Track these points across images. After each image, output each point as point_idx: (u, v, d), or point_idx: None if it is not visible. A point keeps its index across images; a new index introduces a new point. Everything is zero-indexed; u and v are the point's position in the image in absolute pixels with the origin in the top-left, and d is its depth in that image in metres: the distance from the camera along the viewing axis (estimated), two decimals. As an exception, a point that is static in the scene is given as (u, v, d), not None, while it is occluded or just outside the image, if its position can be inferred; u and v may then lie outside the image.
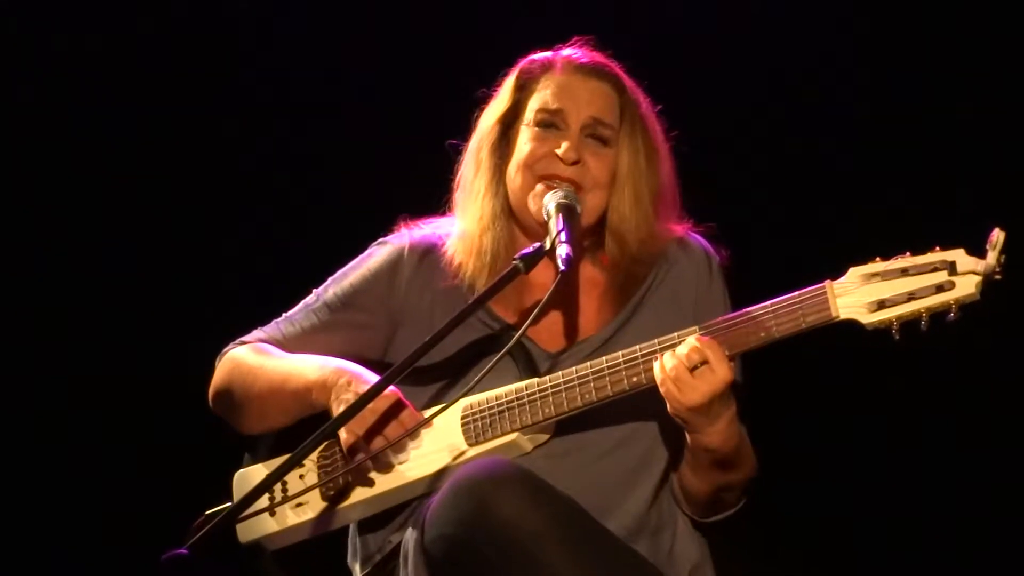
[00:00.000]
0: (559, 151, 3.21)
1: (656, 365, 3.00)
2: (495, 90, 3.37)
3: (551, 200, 3.15)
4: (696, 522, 3.26)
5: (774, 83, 4.37)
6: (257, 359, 3.33)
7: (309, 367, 3.24)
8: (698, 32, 4.37)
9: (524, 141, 3.26)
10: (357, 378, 3.17)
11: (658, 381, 3.00)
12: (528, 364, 3.22)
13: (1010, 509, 4.25)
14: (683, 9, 4.41)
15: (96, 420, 4.69)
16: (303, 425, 3.24)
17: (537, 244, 3.07)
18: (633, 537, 3.16)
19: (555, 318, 3.29)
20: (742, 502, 3.22)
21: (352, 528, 3.30)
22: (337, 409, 3.14)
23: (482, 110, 3.38)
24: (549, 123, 3.25)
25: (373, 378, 3.14)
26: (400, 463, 3.17)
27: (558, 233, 3.07)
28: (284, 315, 3.42)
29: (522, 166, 3.24)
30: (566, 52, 3.33)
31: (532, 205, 3.22)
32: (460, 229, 3.32)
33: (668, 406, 3.01)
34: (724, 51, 4.37)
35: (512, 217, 3.29)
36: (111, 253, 4.72)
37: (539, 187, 3.21)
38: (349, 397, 3.14)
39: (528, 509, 2.88)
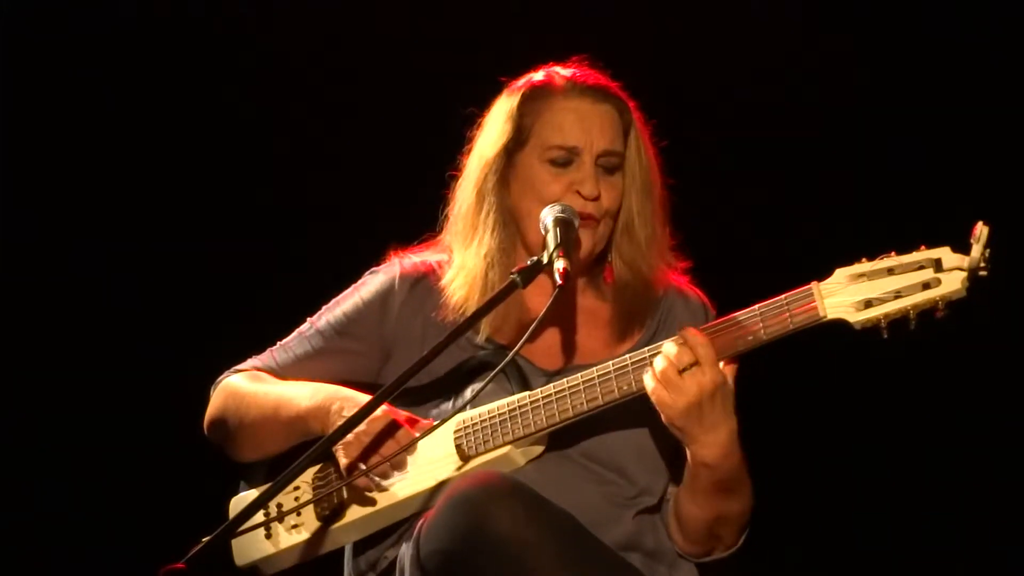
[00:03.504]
0: (582, 191, 3.19)
1: (646, 375, 2.99)
2: (486, 112, 3.33)
3: (548, 214, 3.13)
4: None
5: (760, 85, 4.39)
6: (251, 387, 3.34)
7: (301, 395, 3.25)
8: (684, 32, 4.40)
9: (540, 178, 3.22)
10: (349, 402, 3.17)
11: (648, 389, 2.98)
12: (522, 382, 3.21)
13: (1005, 510, 4.24)
14: (669, 7, 4.44)
15: (91, 450, 4.72)
16: (299, 451, 3.22)
17: (534, 258, 3.05)
18: (625, 554, 3.14)
19: (553, 340, 3.29)
20: (738, 544, 3.17)
21: (347, 549, 3.28)
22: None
23: (473, 132, 3.35)
24: (566, 161, 3.22)
25: (365, 400, 3.12)
26: (396, 481, 3.17)
27: (556, 247, 3.06)
28: (279, 343, 3.43)
29: (541, 204, 3.19)
30: (564, 72, 3.30)
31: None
32: (461, 262, 3.29)
33: (662, 415, 2.99)
34: (709, 52, 4.40)
35: (516, 251, 3.26)
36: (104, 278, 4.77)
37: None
38: (342, 423, 3.10)
39: (523, 522, 2.86)
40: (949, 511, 4.28)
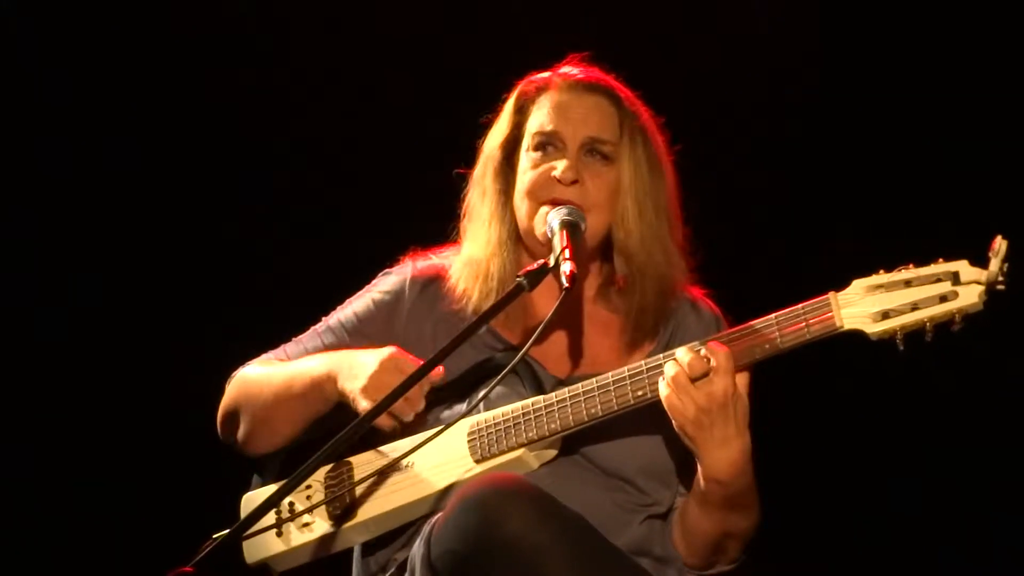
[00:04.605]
0: (556, 173, 3.22)
1: (661, 380, 2.99)
2: (496, 115, 3.38)
3: (555, 217, 3.16)
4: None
5: (775, 96, 4.38)
6: (262, 370, 3.37)
7: (313, 364, 3.27)
8: (697, 43, 4.40)
9: (524, 168, 3.28)
10: (362, 367, 3.15)
11: (662, 395, 2.98)
12: (535, 386, 3.22)
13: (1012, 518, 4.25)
14: (681, 17, 4.44)
15: (103, 441, 4.71)
16: (310, 448, 3.23)
17: (541, 261, 3.06)
18: (636, 558, 3.14)
19: (564, 345, 3.30)
20: (741, 559, 3.18)
21: (356, 550, 3.29)
22: (349, 387, 3.14)
23: (485, 137, 3.39)
24: (547, 145, 3.26)
25: (377, 357, 3.15)
26: (407, 482, 3.17)
27: (562, 250, 3.06)
28: (293, 340, 3.45)
29: (525, 194, 3.26)
30: (562, 70, 3.35)
31: (538, 229, 3.22)
32: (466, 255, 3.33)
33: (673, 421, 2.99)
34: (722, 64, 4.39)
35: (519, 243, 3.30)
36: (122, 277, 4.76)
37: (543, 209, 3.22)
38: (357, 374, 3.15)
39: (535, 524, 2.85)
40: (951, 518, 4.30)
